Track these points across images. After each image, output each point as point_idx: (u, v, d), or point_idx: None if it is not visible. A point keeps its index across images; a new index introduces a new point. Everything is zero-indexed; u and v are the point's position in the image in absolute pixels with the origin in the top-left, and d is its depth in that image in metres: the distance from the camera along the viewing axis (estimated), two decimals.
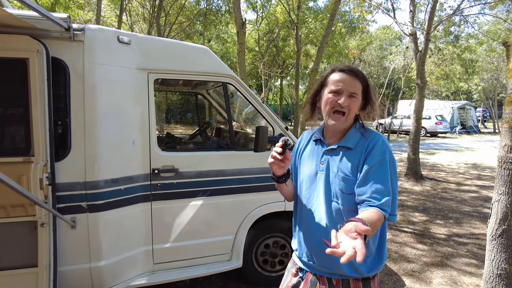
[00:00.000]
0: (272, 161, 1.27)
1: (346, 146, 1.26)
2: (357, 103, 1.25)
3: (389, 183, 1.18)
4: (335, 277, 1.27)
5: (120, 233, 2.33)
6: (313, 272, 1.33)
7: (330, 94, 1.24)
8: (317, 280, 1.30)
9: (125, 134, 2.35)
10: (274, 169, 1.29)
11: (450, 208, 5.52)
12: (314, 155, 1.35)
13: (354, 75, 1.24)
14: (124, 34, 2.36)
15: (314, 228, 1.30)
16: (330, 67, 1.33)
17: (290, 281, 1.37)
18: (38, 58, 1.96)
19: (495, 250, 2.48)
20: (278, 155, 1.24)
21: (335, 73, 1.26)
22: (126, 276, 2.39)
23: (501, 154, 2.48)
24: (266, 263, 2.93)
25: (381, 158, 1.20)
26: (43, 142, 2.00)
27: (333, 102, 1.23)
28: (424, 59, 7.73)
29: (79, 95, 2.16)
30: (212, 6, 13.91)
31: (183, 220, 2.56)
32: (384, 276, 3.23)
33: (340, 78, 1.24)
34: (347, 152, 1.25)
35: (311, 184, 1.32)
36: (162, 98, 7.29)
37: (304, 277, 1.35)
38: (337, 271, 1.25)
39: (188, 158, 2.60)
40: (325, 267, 1.28)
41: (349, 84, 1.22)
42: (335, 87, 1.23)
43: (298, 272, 1.38)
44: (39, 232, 1.99)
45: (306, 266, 1.36)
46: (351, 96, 1.23)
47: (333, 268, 1.26)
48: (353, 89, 1.23)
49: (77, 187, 2.16)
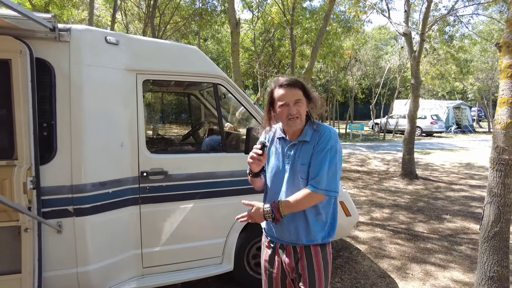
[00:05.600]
0: (251, 161, 1.52)
1: (304, 140, 1.56)
2: (303, 105, 1.53)
3: (325, 166, 1.48)
4: (298, 245, 1.59)
5: (108, 237, 2.28)
6: (280, 243, 1.64)
7: (280, 108, 1.53)
8: (284, 248, 1.63)
9: (113, 136, 2.30)
10: (253, 167, 1.56)
11: (444, 208, 5.53)
12: (279, 150, 1.64)
13: (292, 86, 1.52)
14: (112, 35, 2.32)
15: None
16: (272, 83, 1.61)
17: (267, 252, 1.71)
18: (21, 58, 1.92)
19: (487, 252, 2.47)
20: (259, 156, 1.50)
21: (277, 89, 1.54)
22: (114, 280, 2.35)
23: (493, 156, 2.47)
24: (258, 265, 2.89)
25: (323, 146, 1.51)
26: (27, 145, 1.95)
27: (285, 113, 1.52)
28: (418, 59, 7.75)
29: (65, 97, 2.12)
30: (207, 6, 13.83)
31: (172, 223, 2.52)
32: (377, 278, 3.21)
33: (282, 93, 1.52)
34: (305, 145, 1.56)
35: (276, 173, 1.62)
36: (153, 98, 7.22)
37: (274, 246, 1.67)
38: (298, 241, 1.57)
39: (178, 161, 2.56)
40: (290, 238, 1.58)
41: (291, 95, 1.51)
42: (282, 102, 1.52)
43: (270, 244, 1.69)
44: (23, 237, 1.95)
45: (273, 239, 1.67)
46: (297, 103, 1.51)
47: (297, 238, 1.57)
48: (295, 97, 1.51)
49: (63, 191, 2.11)
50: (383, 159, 10.88)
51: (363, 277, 3.23)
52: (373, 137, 19.03)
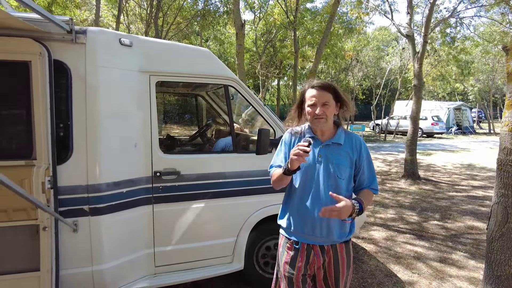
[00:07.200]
0: (296, 158, 1.49)
1: (338, 142, 1.68)
2: (330, 107, 1.62)
3: (374, 171, 1.74)
4: (327, 244, 1.67)
5: (122, 236, 2.32)
6: (307, 243, 1.67)
7: (309, 108, 1.63)
8: (311, 249, 1.67)
9: (127, 137, 2.34)
10: (294, 164, 1.53)
11: (447, 208, 5.57)
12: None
13: (323, 89, 1.61)
14: (125, 37, 2.35)
15: (316, 206, 1.64)
16: (306, 83, 1.71)
17: (289, 254, 1.71)
18: (40, 60, 1.95)
19: (495, 252, 2.51)
20: (305, 153, 1.48)
21: (309, 90, 1.64)
22: (128, 279, 2.38)
23: (501, 157, 2.50)
24: (267, 265, 2.93)
25: (366, 153, 1.71)
26: (45, 145, 1.99)
27: (312, 113, 1.62)
28: (421, 61, 7.78)
29: (81, 98, 2.15)
30: (210, 7, 13.88)
31: (184, 222, 2.56)
32: (384, 277, 3.25)
33: (312, 94, 1.62)
34: (338, 147, 1.68)
35: (309, 172, 1.67)
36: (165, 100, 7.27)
37: (300, 247, 1.68)
38: (330, 238, 1.65)
39: (190, 161, 2.60)
40: (321, 236, 1.64)
41: (320, 97, 1.60)
42: (310, 102, 1.62)
43: (293, 245, 1.71)
44: (41, 236, 1.98)
45: (301, 239, 1.69)
46: (324, 105, 1.60)
47: (328, 235, 1.64)
48: (324, 100, 1.60)
49: (79, 190, 2.15)
50: (384, 160, 10.91)
51: (370, 277, 3.26)
52: (374, 138, 19.06)
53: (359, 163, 1.69)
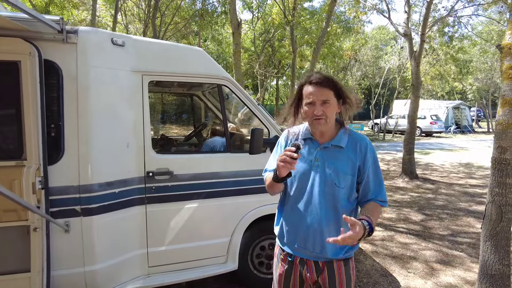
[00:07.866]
0: (283, 165, 1.31)
1: (339, 145, 1.46)
2: (331, 106, 1.40)
3: (381, 176, 1.48)
4: (321, 260, 1.48)
5: (115, 236, 2.31)
6: (300, 257, 1.51)
7: (306, 107, 1.42)
8: (305, 263, 1.50)
9: (119, 137, 2.33)
10: (283, 171, 1.33)
11: (445, 207, 5.56)
12: (305, 152, 1.50)
13: (322, 85, 1.39)
14: (118, 36, 2.34)
15: (308, 217, 1.47)
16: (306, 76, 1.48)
17: (283, 266, 1.57)
18: (30, 60, 1.94)
19: (489, 250, 2.50)
20: (292, 159, 1.29)
21: (306, 86, 1.43)
22: (121, 279, 2.37)
23: (495, 156, 2.50)
24: (262, 265, 2.92)
25: (373, 159, 1.47)
26: (36, 146, 1.97)
27: (310, 113, 1.41)
28: (419, 60, 7.78)
29: (72, 98, 2.14)
30: (208, 7, 13.86)
31: (178, 223, 2.55)
32: (379, 277, 3.24)
33: (310, 91, 1.40)
34: (339, 150, 1.46)
35: (304, 178, 1.48)
36: (157, 99, 7.25)
37: (293, 260, 1.53)
38: (323, 255, 1.46)
39: (183, 161, 2.59)
40: (314, 252, 1.47)
41: (319, 94, 1.38)
42: (308, 100, 1.41)
43: (287, 257, 1.55)
44: (31, 236, 1.97)
45: (294, 252, 1.53)
46: (324, 103, 1.39)
47: (321, 252, 1.46)
48: (324, 97, 1.39)
49: (71, 191, 2.14)
50: (383, 159, 10.91)
51: (366, 276, 3.26)
52: (372, 137, 19.06)
53: (363, 169, 1.44)
